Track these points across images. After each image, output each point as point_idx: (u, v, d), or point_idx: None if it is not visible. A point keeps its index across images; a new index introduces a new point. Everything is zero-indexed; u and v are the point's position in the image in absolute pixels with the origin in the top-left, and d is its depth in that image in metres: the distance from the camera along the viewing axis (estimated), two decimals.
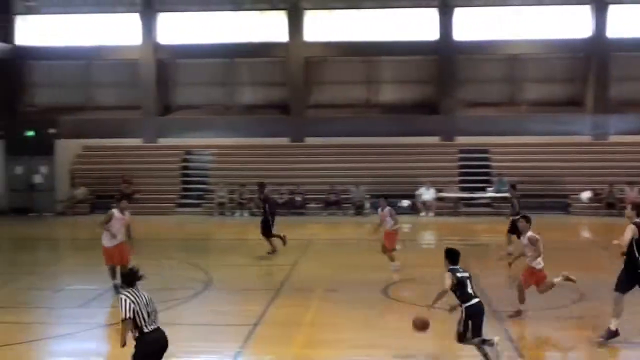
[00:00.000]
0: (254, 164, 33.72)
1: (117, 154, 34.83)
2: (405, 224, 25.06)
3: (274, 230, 21.68)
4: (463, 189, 32.12)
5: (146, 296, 9.61)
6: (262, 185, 22.66)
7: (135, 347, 9.41)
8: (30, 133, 33.80)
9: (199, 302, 16.16)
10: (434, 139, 34.83)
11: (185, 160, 35.11)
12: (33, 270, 17.73)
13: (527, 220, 14.57)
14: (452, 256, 11.57)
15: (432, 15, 35.14)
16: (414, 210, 30.54)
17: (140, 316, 9.37)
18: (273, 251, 21.36)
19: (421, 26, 35.25)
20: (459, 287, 11.31)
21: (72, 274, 19.97)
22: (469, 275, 11.53)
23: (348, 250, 23.10)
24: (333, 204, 31.48)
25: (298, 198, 31.58)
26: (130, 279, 9.65)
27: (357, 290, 16.64)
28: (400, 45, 35.01)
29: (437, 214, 30.66)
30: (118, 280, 16.38)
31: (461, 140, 34.65)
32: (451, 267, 11.51)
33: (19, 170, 33.67)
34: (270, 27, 35.96)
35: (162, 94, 36.71)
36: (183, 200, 32.98)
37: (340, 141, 34.24)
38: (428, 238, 27.29)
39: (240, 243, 25.19)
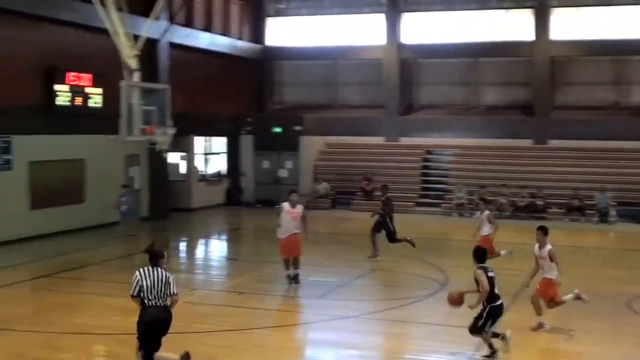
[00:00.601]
0: (495, 165, 33.22)
1: (359, 152, 35.58)
2: None
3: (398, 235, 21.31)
4: None
5: (164, 275, 10.59)
6: (385, 188, 22.27)
7: (138, 318, 10.53)
8: (278, 130, 35.35)
9: (434, 301, 16.13)
10: None
11: (425, 160, 35.19)
12: (276, 260, 18.46)
13: (545, 231, 14.00)
14: (479, 255, 11.97)
15: None
16: None
17: (146, 292, 10.41)
18: (375, 256, 20.94)
19: None
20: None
21: (312, 266, 20.58)
22: (495, 274, 11.86)
23: (590, 260, 22.14)
24: (576, 209, 30.26)
25: (539, 202, 30.67)
26: (150, 257, 10.76)
27: (598, 301, 15.85)
28: None
29: None
30: (291, 271, 17.12)
31: None
32: (480, 265, 11.79)
33: (266, 164, 35.35)
34: (515, 25, 35.19)
35: (405, 93, 37.00)
36: (422, 199, 33.07)
37: (586, 144, 32.86)
38: None
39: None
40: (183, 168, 32.94)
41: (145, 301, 10.50)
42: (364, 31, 37.06)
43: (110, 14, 21.11)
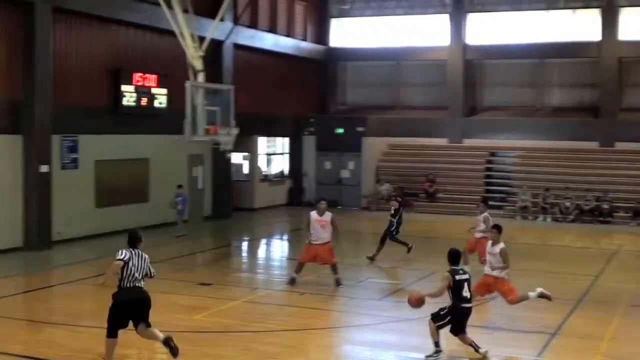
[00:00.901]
0: (560, 167, 32.78)
1: (422, 153, 35.43)
2: None
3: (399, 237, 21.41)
4: None
5: (144, 257, 11.34)
6: (402, 190, 22.71)
7: (113, 295, 11.13)
8: (340, 130, 35.40)
9: (494, 305, 15.97)
10: None
11: (489, 162, 34.86)
12: (339, 261, 18.46)
13: (499, 230, 14.46)
14: (453, 257, 12.10)
15: None
16: None
17: (127, 270, 11.05)
18: (373, 258, 20.86)
19: None
20: (454, 289, 11.83)
21: (373, 268, 20.59)
22: (468, 277, 12.01)
23: None
24: None
25: (605, 206, 30.14)
26: (131, 240, 11.39)
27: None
28: None
29: None
30: (295, 275, 17.37)
31: None
32: (452, 267, 11.99)
33: (328, 165, 35.44)
34: (582, 26, 34.66)
35: (469, 94, 36.70)
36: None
37: None
38: None
39: (542, 249, 24.57)
40: (246, 168, 33.20)
41: (125, 281, 11.09)
42: (428, 32, 36.92)
43: (176, 16, 21.48)
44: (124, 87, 24.72)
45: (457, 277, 11.91)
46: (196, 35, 21.88)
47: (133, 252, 11.26)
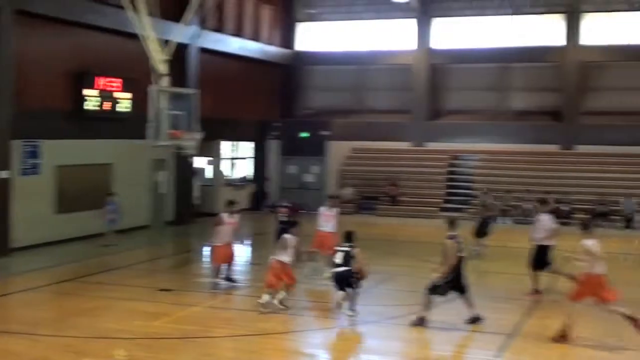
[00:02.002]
0: (521, 170, 33.18)
1: (385, 157, 35.62)
2: None
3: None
4: None
5: None
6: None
7: None
8: (305, 134, 35.44)
9: (454, 306, 16.10)
10: None
11: (451, 165, 35.14)
12: (301, 265, 18.46)
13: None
14: (347, 236, 15.22)
15: None
16: None
17: None
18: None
19: None
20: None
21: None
22: (346, 250, 14.81)
23: (614, 265, 21.83)
24: (601, 215, 30.04)
25: (564, 207, 30.49)
26: None
27: (623, 307, 15.73)
28: None
29: None
30: (220, 280, 17.85)
31: None
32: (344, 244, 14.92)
33: (292, 169, 35.48)
34: (546, 31, 35.11)
35: (433, 98, 36.97)
36: (447, 204, 33.02)
37: (613, 150, 32.77)
38: None
39: (503, 250, 24.78)
40: (209, 173, 33.12)
41: None
42: (394, 36, 37.13)
43: (141, 19, 21.33)
44: (86, 91, 24.53)
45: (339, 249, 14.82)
46: (161, 39, 21.78)
47: None
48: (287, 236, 15.67)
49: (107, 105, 25.34)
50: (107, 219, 23.77)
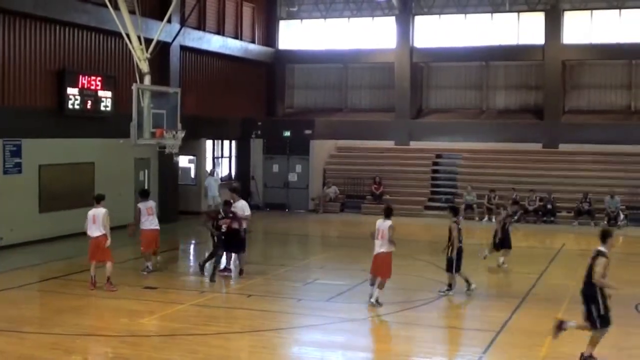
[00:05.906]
0: (505, 169, 33.26)
1: (369, 155, 35.60)
2: None
3: None
4: None
5: None
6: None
7: None
8: (288, 133, 35.36)
9: (444, 304, 16.14)
10: None
11: (435, 164, 35.16)
12: (285, 262, 18.50)
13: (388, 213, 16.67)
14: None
15: None
16: None
17: None
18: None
19: None
20: None
21: (321, 269, 20.65)
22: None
23: None
24: (585, 213, 30.17)
25: (549, 206, 30.62)
26: None
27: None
28: None
29: None
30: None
31: None
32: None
33: (275, 168, 35.37)
34: (527, 29, 35.21)
35: (416, 97, 37.01)
36: (431, 203, 33.04)
37: (596, 148, 32.92)
38: None
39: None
40: (193, 171, 32.97)
41: None
42: (376, 35, 37.13)
43: (122, 17, 21.22)
44: (69, 90, 24.34)
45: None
46: (143, 37, 21.67)
47: None
48: None
49: (89, 104, 25.16)
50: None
